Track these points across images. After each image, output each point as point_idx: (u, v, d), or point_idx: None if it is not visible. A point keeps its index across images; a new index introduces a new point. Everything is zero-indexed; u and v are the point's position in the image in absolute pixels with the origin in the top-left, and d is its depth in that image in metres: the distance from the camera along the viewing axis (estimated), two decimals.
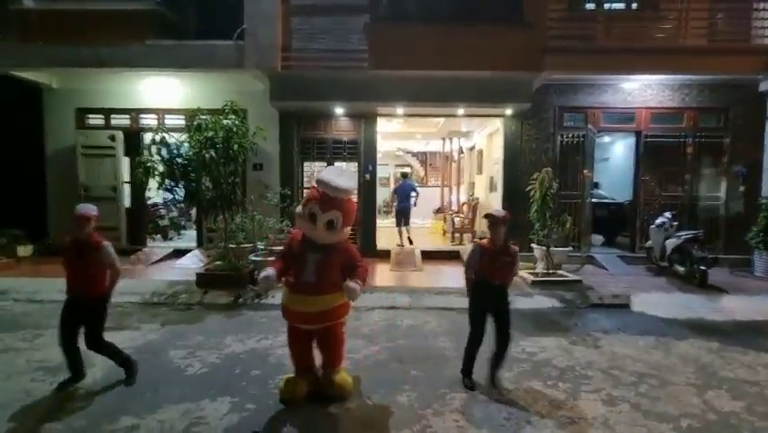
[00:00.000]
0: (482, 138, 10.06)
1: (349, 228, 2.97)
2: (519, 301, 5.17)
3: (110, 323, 4.41)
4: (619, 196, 9.34)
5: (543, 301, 5.36)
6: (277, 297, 5.33)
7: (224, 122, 5.54)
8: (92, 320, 3.09)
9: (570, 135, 7.55)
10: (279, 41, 6.61)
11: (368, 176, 7.91)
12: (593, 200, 7.88)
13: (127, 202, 7.94)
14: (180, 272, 6.40)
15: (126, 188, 7.92)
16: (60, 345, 3.06)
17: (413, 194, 8.93)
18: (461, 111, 7.57)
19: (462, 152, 12.69)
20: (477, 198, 9.86)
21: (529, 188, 6.31)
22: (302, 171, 7.99)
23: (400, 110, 7.55)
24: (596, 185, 8.87)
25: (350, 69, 6.73)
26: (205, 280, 5.65)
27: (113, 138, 7.59)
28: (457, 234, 9.08)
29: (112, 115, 7.82)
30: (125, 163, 7.80)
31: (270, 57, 6.53)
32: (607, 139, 11.28)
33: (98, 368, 3.41)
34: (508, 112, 7.47)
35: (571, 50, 6.65)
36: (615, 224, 8.96)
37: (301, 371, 3.01)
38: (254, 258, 5.94)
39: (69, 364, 3.10)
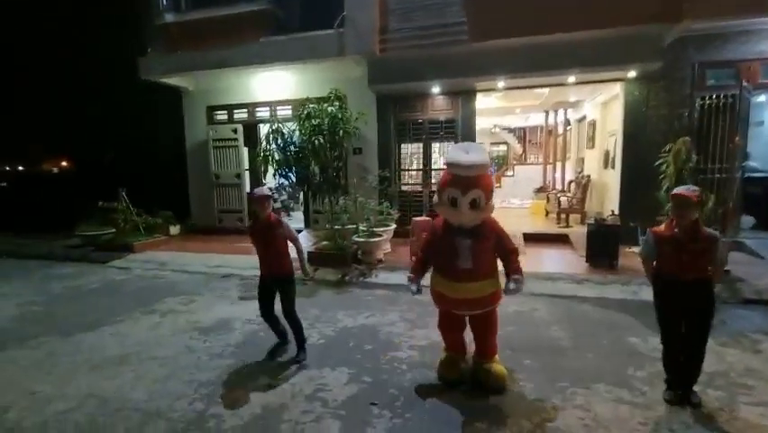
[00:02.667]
0: (595, 107, 8.96)
1: (493, 203, 2.78)
2: (645, 292, 4.57)
3: (243, 293, 5.17)
4: None
5: None
6: (380, 276, 5.62)
7: (330, 109, 5.82)
8: (283, 296, 3.35)
9: (713, 97, 6.27)
10: (377, 25, 6.65)
11: None
12: (744, 174, 6.51)
13: (247, 187, 8.97)
14: (293, 251, 7.04)
15: (246, 175, 8.93)
16: (262, 316, 3.43)
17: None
18: (571, 78, 6.80)
19: (569, 125, 11.52)
20: (587, 176, 8.89)
21: (659, 161, 5.44)
22: (399, 153, 8.07)
23: (501, 83, 7.08)
24: (746, 156, 7.29)
25: (447, 44, 6.48)
26: (315, 259, 6.12)
27: (235, 131, 8.58)
28: (563, 216, 8.34)
29: (234, 111, 8.82)
30: (245, 153, 8.77)
31: (369, 41, 6.63)
32: (763, 98, 9.14)
33: (239, 332, 3.97)
34: (631, 74, 6.48)
35: None
36: None
37: (454, 349, 3.05)
38: (357, 239, 6.24)
39: (275, 332, 3.48)
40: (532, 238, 7.30)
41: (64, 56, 11.95)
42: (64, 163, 16.31)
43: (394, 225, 6.84)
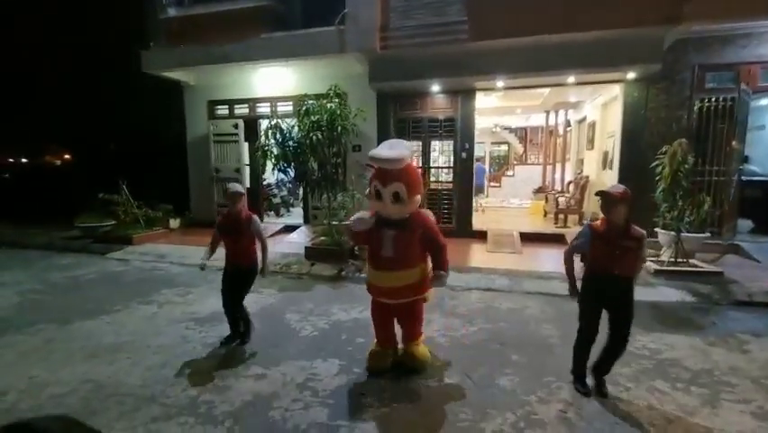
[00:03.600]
0: (595, 108, 8.98)
1: (419, 197, 2.88)
2: (637, 292, 4.60)
3: None
4: None
5: (668, 294, 4.69)
6: None
7: (329, 105, 5.86)
8: (240, 286, 3.50)
9: (712, 99, 6.29)
10: (378, 22, 6.68)
11: (464, 154, 7.70)
12: (742, 177, 6.53)
13: (247, 182, 9.02)
14: (291, 246, 7.11)
15: (246, 170, 8.98)
16: (224, 307, 3.55)
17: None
18: (571, 79, 6.82)
19: (569, 126, 11.53)
20: (586, 177, 8.91)
21: (655, 163, 5.47)
22: None
23: (501, 83, 7.11)
24: (746, 159, 7.30)
25: (448, 43, 6.50)
26: (313, 254, 6.18)
27: (236, 126, 8.63)
28: (561, 216, 8.37)
29: (235, 106, 8.86)
30: (245, 148, 8.82)
31: (370, 38, 6.65)
32: (764, 102, 9.14)
33: None
34: (631, 76, 6.51)
35: None
36: None
37: (383, 343, 3.16)
38: None
39: (231, 324, 3.57)
40: (529, 238, 7.35)
41: (67, 48, 12.02)
42: (66, 155, 16.42)
43: None
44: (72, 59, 12.01)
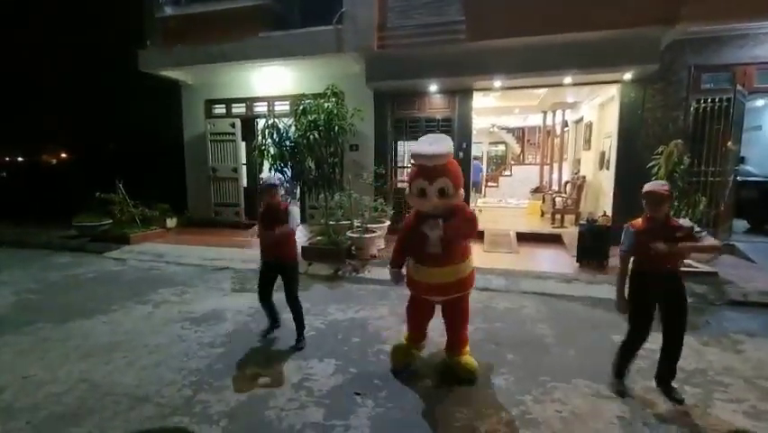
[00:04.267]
0: (592, 109, 9.00)
1: (462, 191, 2.87)
2: None
3: (236, 285, 5.23)
4: None
5: None
6: (373, 272, 5.68)
7: (326, 105, 5.87)
8: (288, 281, 3.49)
9: (708, 100, 6.31)
10: (376, 21, 6.68)
11: (462, 154, 7.70)
12: (738, 178, 6.56)
13: (244, 181, 9.01)
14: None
15: (243, 170, 8.97)
16: (259, 299, 3.60)
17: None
18: (568, 80, 6.84)
19: (567, 126, 11.55)
20: (583, 177, 8.94)
21: (652, 163, 5.49)
22: (395, 151, 8.12)
23: (498, 83, 7.12)
24: (742, 159, 7.35)
25: (445, 42, 6.51)
26: (310, 253, 6.18)
27: (233, 125, 8.62)
28: (558, 216, 8.39)
29: (232, 105, 8.85)
30: (243, 147, 8.81)
31: (368, 38, 6.65)
32: (760, 102, 9.19)
33: (230, 323, 4.03)
34: (627, 77, 6.53)
35: None
36: (766, 207, 7.36)
37: (414, 339, 3.14)
38: (351, 234, 6.29)
39: (268, 315, 3.66)
40: (526, 238, 7.36)
41: (65, 48, 11.98)
42: (63, 154, 16.37)
43: (388, 222, 6.89)
44: (71, 58, 11.96)
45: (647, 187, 2.63)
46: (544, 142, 12.51)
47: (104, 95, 11.29)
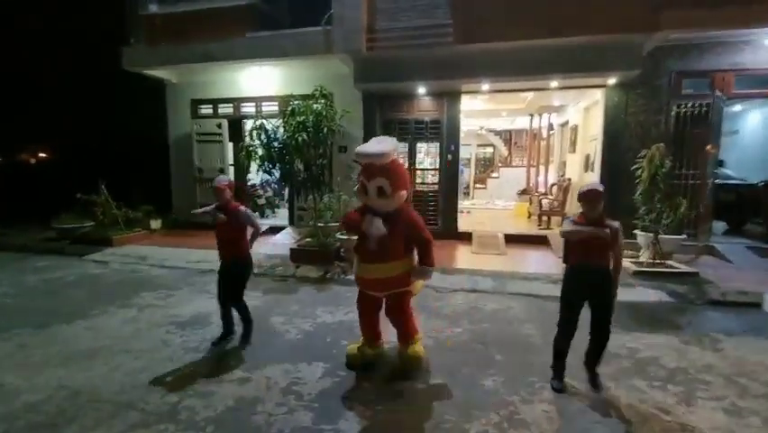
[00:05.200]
0: (577, 112, 9.16)
1: (404, 193, 2.94)
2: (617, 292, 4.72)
3: None
4: (751, 176, 7.86)
5: (646, 294, 4.82)
6: None
7: (315, 106, 5.84)
8: (235, 279, 3.53)
9: (689, 105, 6.48)
10: (365, 23, 6.68)
11: (450, 156, 7.75)
12: (717, 181, 6.75)
13: None
14: (276, 247, 7.03)
15: (231, 171, 8.85)
16: (219, 300, 3.57)
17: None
18: (554, 84, 6.95)
19: (553, 129, 11.73)
20: (569, 179, 9.08)
21: (635, 166, 5.62)
22: None
23: (486, 86, 7.19)
24: (720, 163, 7.57)
25: (433, 45, 6.54)
26: (298, 256, 6.13)
27: (219, 125, 8.50)
28: (544, 218, 8.51)
29: (219, 105, 8.73)
30: (230, 148, 8.70)
31: (356, 39, 6.64)
32: (738, 108, 9.50)
33: (216, 326, 3.95)
34: (612, 81, 6.67)
35: (696, 2, 5.62)
36: (743, 209, 7.60)
37: (367, 339, 3.22)
38: (340, 236, 6.26)
39: (224, 321, 3.61)
40: (513, 239, 7.44)
41: (47, 45, 11.66)
42: (42, 154, 15.92)
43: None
44: (51, 56, 11.65)
45: (583, 188, 2.76)
46: (530, 144, 12.69)
47: (86, 93, 11.03)
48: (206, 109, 8.82)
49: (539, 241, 7.44)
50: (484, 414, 2.58)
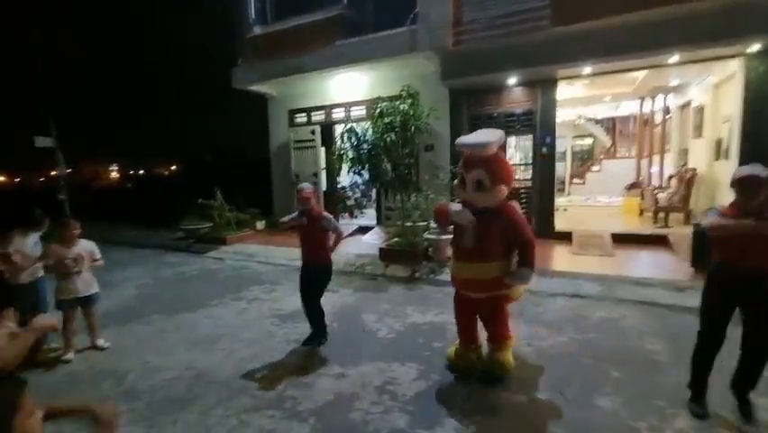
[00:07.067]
0: (703, 91, 7.77)
1: (504, 188, 2.72)
2: None
3: None
4: None
5: None
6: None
7: (401, 107, 5.86)
8: (316, 282, 3.62)
9: None
10: (451, 18, 6.52)
11: (545, 149, 7.17)
12: None
13: (323, 186, 9.41)
14: (365, 247, 7.24)
15: (323, 174, 9.38)
16: (302, 301, 3.69)
17: None
18: (674, 58, 5.97)
19: (669, 113, 10.15)
20: (693, 169, 7.75)
21: None
22: None
23: (588, 69, 6.48)
24: None
25: (526, 31, 6.10)
26: (387, 255, 6.22)
27: (313, 132, 9.06)
28: (661, 215, 7.38)
29: (312, 113, 9.31)
30: (322, 153, 9.22)
31: (442, 35, 6.52)
32: None
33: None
34: (754, 48, 5.50)
35: None
36: None
37: (464, 341, 3.07)
38: (428, 236, 6.19)
39: (311, 322, 3.67)
40: (621, 239, 6.60)
41: (171, 73, 13.73)
42: (172, 166, 18.80)
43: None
44: (175, 82, 13.70)
45: (740, 173, 2.24)
46: (640, 132, 11.17)
47: (204, 113, 12.73)
48: (301, 118, 9.47)
49: (655, 241, 6.48)
50: None
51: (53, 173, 12.22)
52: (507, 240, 2.77)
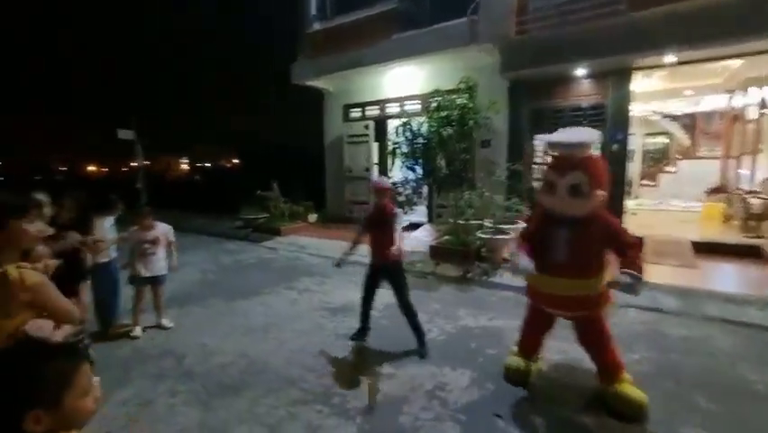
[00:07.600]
0: None
1: (601, 194, 2.39)
2: None
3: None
4: None
5: None
6: (505, 277, 5.22)
7: (458, 100, 5.63)
8: (397, 285, 3.38)
9: None
10: (515, 5, 6.16)
11: (615, 146, 6.56)
12: None
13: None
14: (415, 243, 7.09)
15: (375, 169, 9.36)
16: (362, 298, 3.53)
17: None
18: None
19: (765, 108, 8.89)
20: None
21: None
22: (532, 146, 7.38)
23: (670, 58, 5.81)
24: None
25: (598, 18, 5.60)
26: (437, 253, 6.04)
27: (366, 127, 9.06)
28: (753, 223, 6.47)
29: (366, 108, 9.32)
30: (375, 148, 9.20)
31: (505, 24, 6.20)
32: None
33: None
34: None
35: None
36: None
37: (524, 351, 2.83)
38: (481, 235, 5.92)
39: (363, 318, 3.58)
40: (704, 248, 5.88)
41: (235, 71, 14.43)
42: (235, 160, 19.95)
43: (523, 224, 6.28)
44: (238, 81, 14.42)
45: None
46: (728, 129, 9.92)
47: (263, 108, 13.27)
48: (356, 113, 9.51)
49: (746, 253, 5.71)
50: None
51: (133, 164, 13.39)
52: (604, 248, 2.44)
